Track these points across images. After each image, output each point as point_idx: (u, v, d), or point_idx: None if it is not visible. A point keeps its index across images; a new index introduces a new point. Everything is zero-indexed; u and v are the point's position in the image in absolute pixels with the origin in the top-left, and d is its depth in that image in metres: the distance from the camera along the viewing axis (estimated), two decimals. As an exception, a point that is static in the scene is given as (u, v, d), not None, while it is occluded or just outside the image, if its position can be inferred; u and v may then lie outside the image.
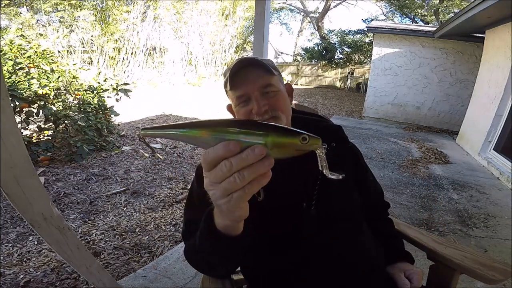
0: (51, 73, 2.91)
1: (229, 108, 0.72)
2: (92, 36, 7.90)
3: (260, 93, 0.62)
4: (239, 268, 0.70)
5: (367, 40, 14.25)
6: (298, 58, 16.73)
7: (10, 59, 2.67)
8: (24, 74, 2.74)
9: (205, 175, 0.32)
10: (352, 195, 0.71)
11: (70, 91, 3.13)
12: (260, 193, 0.36)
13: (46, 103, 2.77)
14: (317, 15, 17.67)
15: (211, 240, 0.45)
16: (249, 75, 0.62)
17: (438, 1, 12.59)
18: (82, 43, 7.97)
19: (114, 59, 8.57)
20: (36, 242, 1.61)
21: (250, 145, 0.29)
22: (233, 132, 0.30)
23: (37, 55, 2.96)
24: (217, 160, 0.30)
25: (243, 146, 0.29)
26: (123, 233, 1.77)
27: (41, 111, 2.72)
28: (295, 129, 0.32)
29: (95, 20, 7.96)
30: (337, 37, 16.09)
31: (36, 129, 2.94)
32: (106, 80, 3.49)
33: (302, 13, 19.57)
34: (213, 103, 7.05)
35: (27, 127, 2.85)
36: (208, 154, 0.30)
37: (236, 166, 0.29)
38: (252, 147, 0.29)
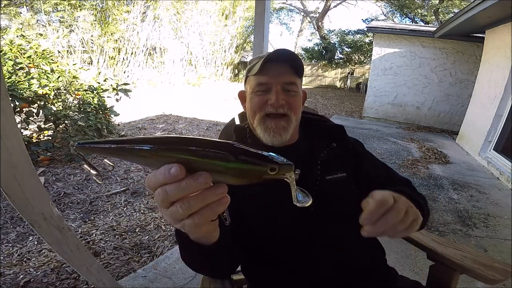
0: (51, 73, 2.91)
1: (241, 94, 0.73)
2: (92, 36, 7.90)
3: (282, 88, 0.63)
4: (239, 268, 0.70)
5: (367, 40, 14.26)
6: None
7: (10, 59, 2.67)
8: (24, 74, 2.74)
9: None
10: (351, 195, 0.70)
11: (70, 91, 3.13)
12: (226, 217, 0.33)
13: (46, 103, 2.77)
14: (317, 15, 17.67)
15: (186, 248, 0.45)
16: (280, 68, 0.63)
17: (438, 1, 12.59)
18: (82, 43, 7.97)
19: (114, 59, 8.57)
20: (36, 242, 1.61)
21: (203, 169, 0.25)
22: (185, 154, 0.25)
23: (37, 55, 2.96)
24: (157, 186, 0.26)
25: (197, 170, 0.25)
26: (123, 233, 1.76)
27: (41, 111, 2.72)
28: (264, 155, 0.27)
29: (95, 20, 7.95)
30: (337, 37, 16.11)
31: (36, 129, 2.94)
32: (106, 80, 3.49)
33: (302, 13, 19.58)
34: (213, 103, 7.05)
35: (27, 127, 2.85)
36: (149, 179, 0.27)
37: (173, 195, 0.26)
38: (195, 175, 0.25)
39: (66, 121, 2.90)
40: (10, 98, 1.49)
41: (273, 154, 0.28)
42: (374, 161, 0.76)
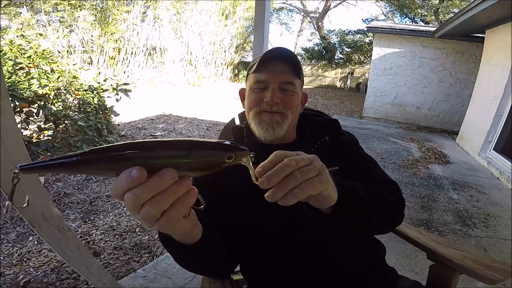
0: (51, 73, 2.91)
1: (241, 92, 0.73)
2: (92, 36, 7.90)
3: (279, 87, 0.63)
4: (238, 268, 0.70)
5: (367, 40, 14.26)
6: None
7: (10, 59, 2.67)
8: (24, 74, 2.74)
9: None
10: None
11: (70, 91, 3.13)
12: (201, 201, 0.33)
13: (46, 103, 2.76)
14: (317, 15, 17.67)
15: (173, 250, 0.45)
16: (278, 66, 0.64)
17: (438, 1, 12.59)
18: (82, 43, 7.97)
19: (114, 59, 8.57)
20: (36, 242, 1.61)
21: (164, 167, 0.26)
22: (142, 157, 0.25)
23: (37, 55, 2.96)
24: (124, 192, 0.26)
25: (156, 169, 0.26)
26: (123, 233, 1.77)
27: (41, 111, 2.72)
28: (220, 143, 0.29)
29: (95, 20, 7.96)
30: (337, 37, 16.11)
31: (36, 129, 2.94)
32: (106, 80, 3.49)
33: (302, 13, 19.58)
34: (213, 103, 7.05)
35: (27, 127, 2.85)
36: (112, 188, 0.26)
37: (143, 196, 0.25)
38: (160, 173, 0.25)
39: (66, 121, 2.90)
40: (10, 98, 1.49)
41: (227, 142, 0.29)
42: (365, 159, 0.74)
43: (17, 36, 3.11)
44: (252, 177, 0.33)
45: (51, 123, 2.84)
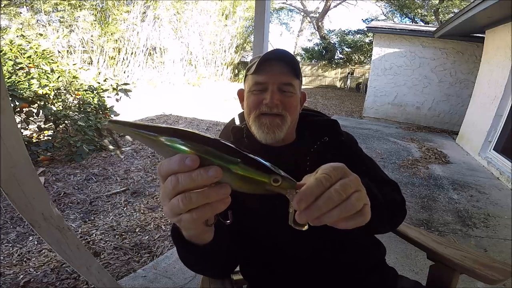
0: (51, 73, 2.91)
1: (240, 93, 0.73)
2: (92, 36, 7.90)
3: (278, 88, 0.63)
4: (238, 268, 0.70)
5: (367, 40, 14.27)
6: (298, 58, 16.73)
7: (10, 59, 2.67)
8: (24, 74, 2.74)
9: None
10: None
11: (70, 91, 3.13)
12: (229, 216, 0.32)
13: (46, 103, 2.77)
14: (317, 15, 17.67)
15: (181, 247, 0.45)
16: (277, 67, 0.63)
17: (438, 1, 12.59)
18: (82, 43, 7.97)
19: (114, 59, 8.57)
20: (36, 242, 1.61)
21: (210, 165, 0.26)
22: (198, 149, 0.26)
23: (37, 55, 2.96)
24: (170, 174, 0.27)
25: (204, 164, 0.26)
26: (123, 233, 1.77)
27: (41, 111, 2.72)
28: (270, 166, 0.28)
29: (95, 20, 7.96)
30: (337, 37, 16.13)
31: (36, 129, 2.94)
32: (106, 80, 3.49)
33: (302, 13, 19.58)
34: (213, 103, 7.05)
35: (27, 127, 2.86)
36: (162, 165, 0.27)
37: (182, 184, 0.26)
38: (206, 168, 0.25)
39: (66, 121, 2.90)
40: (10, 98, 1.49)
41: (280, 170, 0.28)
42: (364, 160, 0.74)
43: (17, 36, 3.11)
44: (289, 218, 0.30)
45: (51, 123, 2.84)
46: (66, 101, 3.13)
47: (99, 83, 3.40)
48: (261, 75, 0.64)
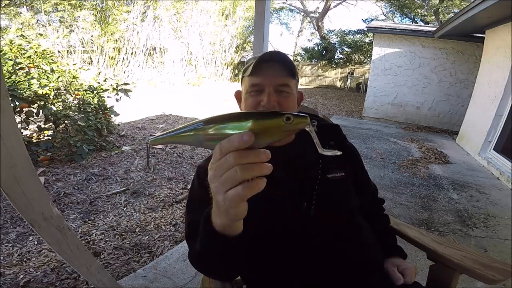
0: (51, 73, 2.91)
1: (237, 94, 0.74)
2: (92, 36, 7.90)
3: (275, 89, 0.64)
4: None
5: (367, 40, 14.27)
6: (298, 58, 16.73)
7: (10, 59, 2.67)
8: (24, 74, 2.74)
9: (210, 168, 0.33)
10: (351, 193, 0.70)
11: (70, 91, 3.13)
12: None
13: (46, 103, 2.76)
14: (317, 15, 17.66)
15: (209, 240, 0.45)
16: (272, 68, 0.64)
17: (438, 1, 12.59)
18: (82, 43, 7.97)
19: (114, 59, 8.57)
20: (36, 242, 1.61)
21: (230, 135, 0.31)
22: (214, 127, 0.31)
23: (37, 55, 2.96)
24: (229, 151, 0.30)
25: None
26: (123, 233, 1.76)
27: (41, 111, 2.72)
28: (277, 111, 0.33)
29: (95, 20, 7.96)
30: (337, 37, 16.12)
31: (36, 129, 2.94)
32: (106, 80, 3.49)
33: (302, 13, 19.57)
34: (213, 103, 7.05)
35: (27, 127, 2.85)
36: (224, 146, 0.31)
37: (242, 159, 0.30)
38: (239, 134, 0.30)
39: (66, 121, 2.90)
40: (10, 98, 1.49)
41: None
42: (363, 168, 0.80)
43: (17, 36, 3.11)
44: (316, 146, 0.38)
45: (51, 123, 2.84)
46: (66, 101, 3.12)
47: (99, 83, 3.40)
48: (257, 76, 0.64)
